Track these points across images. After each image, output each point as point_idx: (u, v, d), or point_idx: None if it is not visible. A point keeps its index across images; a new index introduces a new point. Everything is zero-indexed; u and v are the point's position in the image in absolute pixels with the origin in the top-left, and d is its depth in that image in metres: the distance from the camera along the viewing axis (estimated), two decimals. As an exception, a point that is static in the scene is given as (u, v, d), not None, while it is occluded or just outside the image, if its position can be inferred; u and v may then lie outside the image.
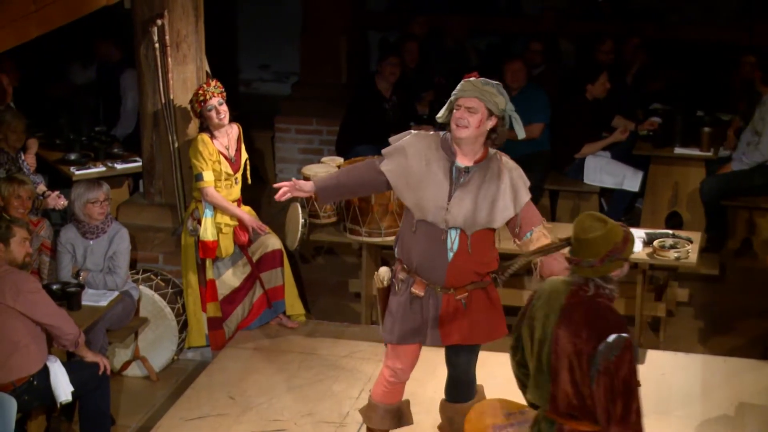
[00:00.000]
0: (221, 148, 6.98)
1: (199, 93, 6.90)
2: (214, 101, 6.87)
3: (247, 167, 7.21)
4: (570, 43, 10.53)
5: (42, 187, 7.57)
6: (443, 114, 5.19)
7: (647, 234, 7.12)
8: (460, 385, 5.56)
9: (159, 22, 6.98)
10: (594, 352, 4.14)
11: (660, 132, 8.90)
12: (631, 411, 4.15)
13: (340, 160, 7.62)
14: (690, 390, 6.40)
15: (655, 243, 6.94)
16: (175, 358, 7.24)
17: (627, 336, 4.15)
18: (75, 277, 6.75)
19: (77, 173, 8.22)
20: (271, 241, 7.21)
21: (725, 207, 8.59)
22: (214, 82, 6.97)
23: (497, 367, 6.67)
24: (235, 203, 7.11)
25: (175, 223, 7.35)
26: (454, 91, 5.17)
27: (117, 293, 6.74)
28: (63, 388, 5.89)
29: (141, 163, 7.75)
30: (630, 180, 8.74)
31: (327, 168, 7.41)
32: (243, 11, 12.31)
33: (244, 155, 7.15)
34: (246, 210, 7.21)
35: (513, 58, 9.08)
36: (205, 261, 7.08)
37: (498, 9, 11.59)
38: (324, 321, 7.52)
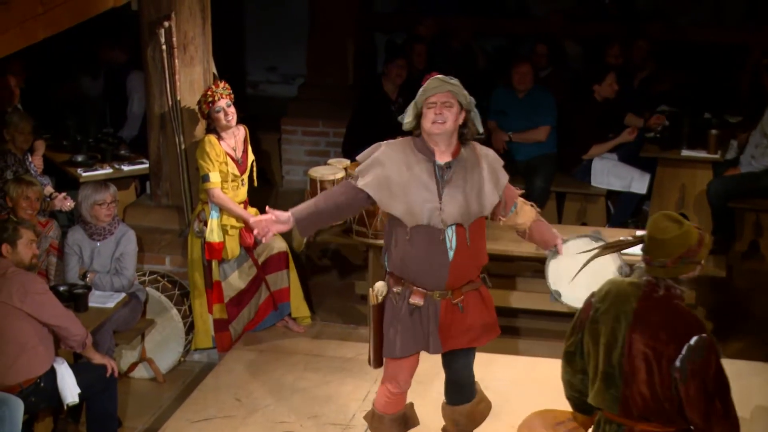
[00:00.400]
0: (228, 149, 6.98)
1: (208, 94, 6.91)
2: (222, 103, 6.88)
3: (254, 169, 7.21)
4: (577, 45, 10.51)
5: (49, 189, 7.58)
6: (411, 119, 5.19)
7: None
8: (460, 388, 5.56)
9: (166, 23, 6.99)
10: (675, 354, 4.11)
11: (667, 134, 8.89)
12: (731, 407, 4.17)
13: (346, 161, 7.61)
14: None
15: None
16: (182, 359, 7.24)
17: (707, 336, 4.13)
18: (82, 279, 6.76)
19: (84, 175, 8.23)
20: (277, 244, 7.22)
21: (732, 209, 8.57)
22: (222, 83, 6.97)
23: (501, 370, 6.69)
24: (242, 205, 7.11)
25: (182, 225, 7.35)
26: (420, 93, 5.16)
27: (124, 295, 6.75)
28: (70, 389, 5.90)
29: (148, 165, 7.75)
30: (638, 182, 8.73)
31: (333, 170, 7.40)
32: (250, 13, 12.30)
33: (250, 157, 7.16)
34: (252, 212, 7.20)
35: (520, 60, 9.08)
36: (212, 263, 7.08)
37: (505, 11, 11.58)
38: (330, 323, 7.53)
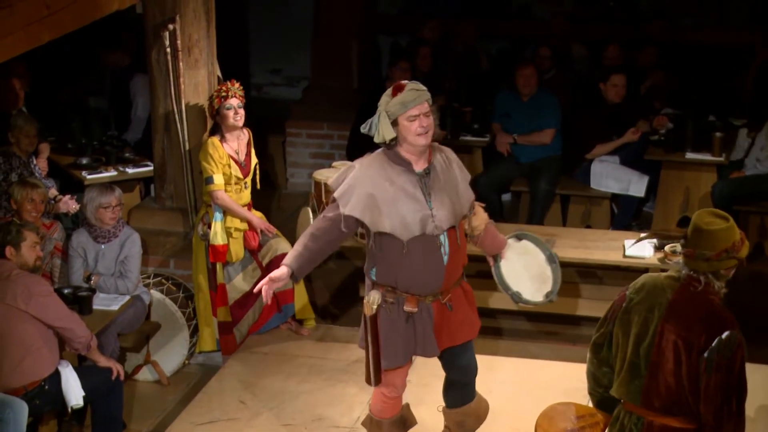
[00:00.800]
0: (231, 152, 6.99)
1: (222, 89, 6.90)
2: (234, 101, 6.89)
3: (257, 172, 7.22)
4: (582, 48, 10.51)
5: (53, 191, 7.59)
6: (387, 132, 5.07)
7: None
8: (465, 386, 5.55)
9: (171, 26, 7.00)
10: (705, 346, 4.16)
11: (671, 137, 8.88)
12: (743, 409, 4.22)
13: (351, 164, 7.60)
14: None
15: (667, 248, 6.92)
16: (186, 362, 7.25)
17: (739, 333, 4.18)
18: (86, 282, 6.76)
19: (89, 177, 8.24)
20: (281, 246, 7.22)
21: (737, 212, 8.56)
22: (237, 84, 6.98)
23: (502, 373, 6.68)
24: (246, 208, 7.12)
25: (186, 228, 7.36)
26: (398, 106, 5.06)
27: (128, 297, 6.75)
28: (74, 392, 5.90)
29: (152, 168, 7.76)
30: (635, 185, 8.71)
31: (338, 173, 7.38)
32: (254, 15, 12.32)
33: (254, 160, 7.16)
34: (257, 215, 7.21)
35: (524, 63, 9.08)
36: (216, 265, 7.09)
37: (509, 13, 11.59)
38: (334, 325, 7.53)
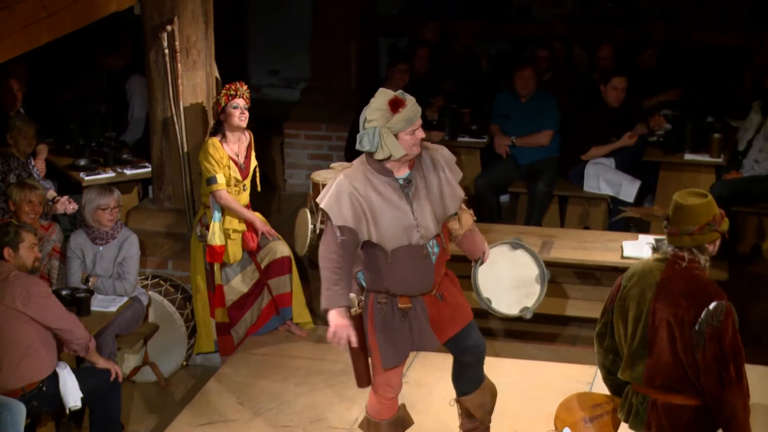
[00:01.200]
0: (231, 153, 6.99)
1: (231, 88, 6.91)
2: (240, 101, 6.90)
3: (257, 175, 7.22)
4: (582, 49, 10.51)
5: (52, 193, 7.59)
6: (396, 150, 4.96)
7: (656, 240, 7.09)
8: (478, 365, 5.51)
9: (169, 27, 7.00)
10: (695, 320, 4.35)
11: (670, 138, 8.88)
12: (743, 374, 4.37)
13: (349, 165, 7.59)
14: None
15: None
16: (184, 363, 7.24)
17: (726, 302, 4.33)
18: (84, 283, 6.76)
19: (87, 179, 8.23)
20: (280, 248, 7.22)
21: (735, 213, 8.56)
22: (245, 87, 6.99)
23: (503, 374, 6.68)
24: (246, 209, 7.12)
25: (185, 229, 7.36)
26: (404, 122, 4.96)
27: (126, 299, 6.76)
28: (72, 394, 5.90)
29: (150, 169, 7.76)
30: (626, 189, 8.70)
31: (336, 174, 7.37)
32: (252, 17, 12.31)
33: (253, 162, 7.16)
34: (257, 216, 7.21)
35: (523, 64, 9.08)
36: (214, 266, 7.08)
37: (509, 15, 11.59)
38: (333, 327, 7.51)
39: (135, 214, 7.63)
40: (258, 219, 7.16)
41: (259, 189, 7.28)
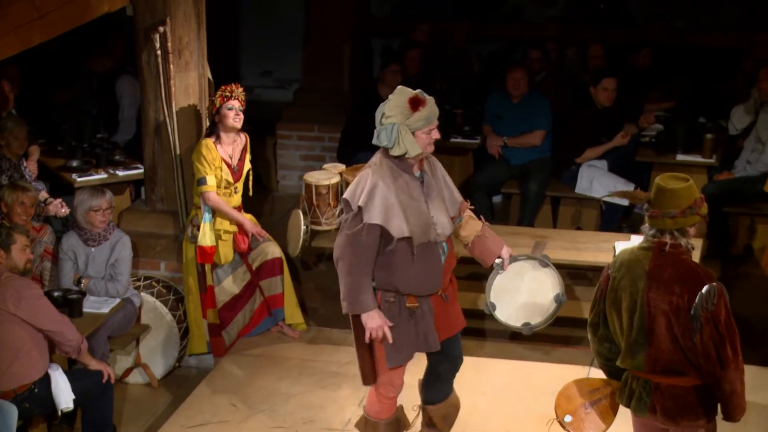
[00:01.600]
0: (224, 155, 6.98)
1: (227, 89, 6.90)
2: (235, 103, 6.90)
3: (250, 178, 7.21)
4: (573, 50, 10.53)
5: (44, 194, 7.57)
6: (413, 148, 5.03)
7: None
8: (451, 377, 5.58)
9: (161, 29, 6.99)
10: (689, 305, 4.44)
11: (662, 138, 8.90)
12: (738, 351, 4.54)
13: (341, 166, 7.61)
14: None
15: None
16: (177, 365, 7.24)
17: (717, 284, 4.43)
18: (76, 284, 6.75)
19: (79, 180, 8.22)
20: (271, 249, 7.21)
21: (727, 213, 8.58)
22: (241, 89, 6.98)
23: (495, 375, 6.69)
24: (236, 211, 7.11)
25: (177, 230, 7.35)
26: (423, 120, 5.04)
27: (118, 300, 6.75)
28: (64, 395, 5.89)
29: (143, 170, 7.75)
30: None
31: (329, 175, 7.40)
32: (245, 18, 12.31)
33: (247, 165, 7.15)
34: (248, 217, 7.21)
35: (514, 65, 9.09)
36: (205, 267, 7.08)
37: (501, 16, 11.60)
38: (325, 328, 7.52)
39: (127, 215, 7.62)
40: (248, 221, 7.16)
41: (251, 193, 7.26)
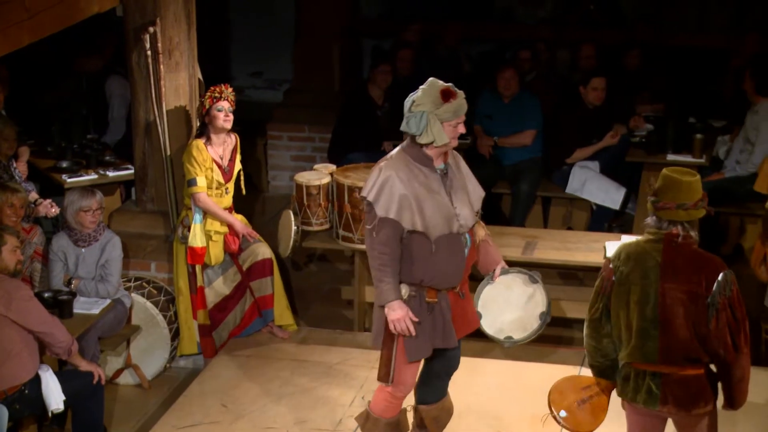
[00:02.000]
0: (215, 156, 6.97)
1: (216, 90, 6.90)
2: (225, 104, 6.89)
3: (241, 178, 7.20)
4: (564, 51, 10.54)
5: (34, 195, 7.54)
6: (440, 137, 5.09)
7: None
8: (447, 378, 5.61)
9: (151, 29, 6.98)
10: (707, 292, 4.58)
11: (652, 139, 8.91)
12: (749, 337, 4.65)
13: (332, 167, 7.62)
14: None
15: None
16: (168, 365, 7.22)
17: (730, 271, 4.58)
18: (67, 285, 6.73)
19: (69, 181, 8.20)
20: (261, 250, 7.21)
21: (717, 213, 8.57)
22: (230, 89, 6.98)
23: (487, 375, 6.70)
24: (227, 212, 7.10)
25: (167, 231, 7.34)
26: (451, 112, 5.11)
27: (109, 301, 6.73)
28: (54, 396, 5.87)
29: (133, 171, 7.73)
30: (612, 197, 8.69)
31: (319, 175, 7.40)
32: (235, 18, 12.30)
33: (237, 166, 7.14)
34: (238, 218, 7.20)
35: (505, 65, 9.10)
36: (195, 268, 7.07)
37: (492, 17, 11.61)
38: (316, 328, 7.52)
39: (117, 216, 7.61)
40: (238, 221, 7.15)
41: (244, 193, 7.26)
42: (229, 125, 6.96)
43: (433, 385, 5.58)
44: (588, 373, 5.08)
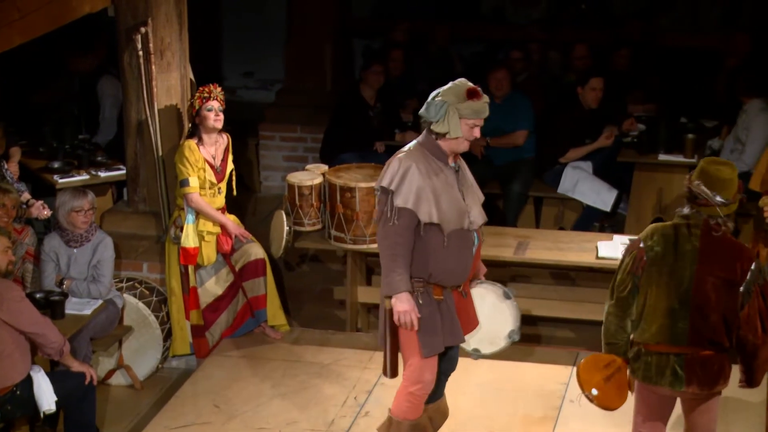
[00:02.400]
0: (207, 156, 6.97)
1: (205, 90, 6.90)
2: (215, 103, 6.89)
3: (233, 178, 7.20)
4: (556, 51, 10.55)
5: (26, 196, 7.53)
6: (455, 130, 5.16)
7: (631, 240, 7.11)
8: (446, 378, 5.63)
9: (143, 29, 6.97)
10: (741, 279, 4.77)
11: (644, 139, 8.92)
12: None
13: (324, 167, 7.61)
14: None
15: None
16: (160, 366, 7.22)
17: (758, 260, 4.88)
18: (58, 286, 6.72)
19: (61, 181, 8.19)
20: (254, 250, 7.20)
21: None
22: (219, 88, 6.98)
23: (479, 375, 6.69)
24: (219, 212, 7.10)
25: (159, 231, 7.33)
26: (472, 111, 5.18)
27: (101, 302, 6.72)
28: (46, 397, 5.86)
29: (125, 171, 7.72)
30: (603, 198, 8.69)
31: (311, 175, 7.40)
32: (227, 18, 12.29)
33: (230, 166, 7.14)
34: (231, 218, 7.20)
35: (496, 66, 9.10)
36: (188, 268, 7.07)
37: (483, 17, 11.62)
38: (309, 328, 7.52)
39: (109, 216, 7.60)
40: (231, 222, 7.15)
41: (236, 193, 7.26)
42: (220, 125, 6.96)
43: (436, 387, 5.58)
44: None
